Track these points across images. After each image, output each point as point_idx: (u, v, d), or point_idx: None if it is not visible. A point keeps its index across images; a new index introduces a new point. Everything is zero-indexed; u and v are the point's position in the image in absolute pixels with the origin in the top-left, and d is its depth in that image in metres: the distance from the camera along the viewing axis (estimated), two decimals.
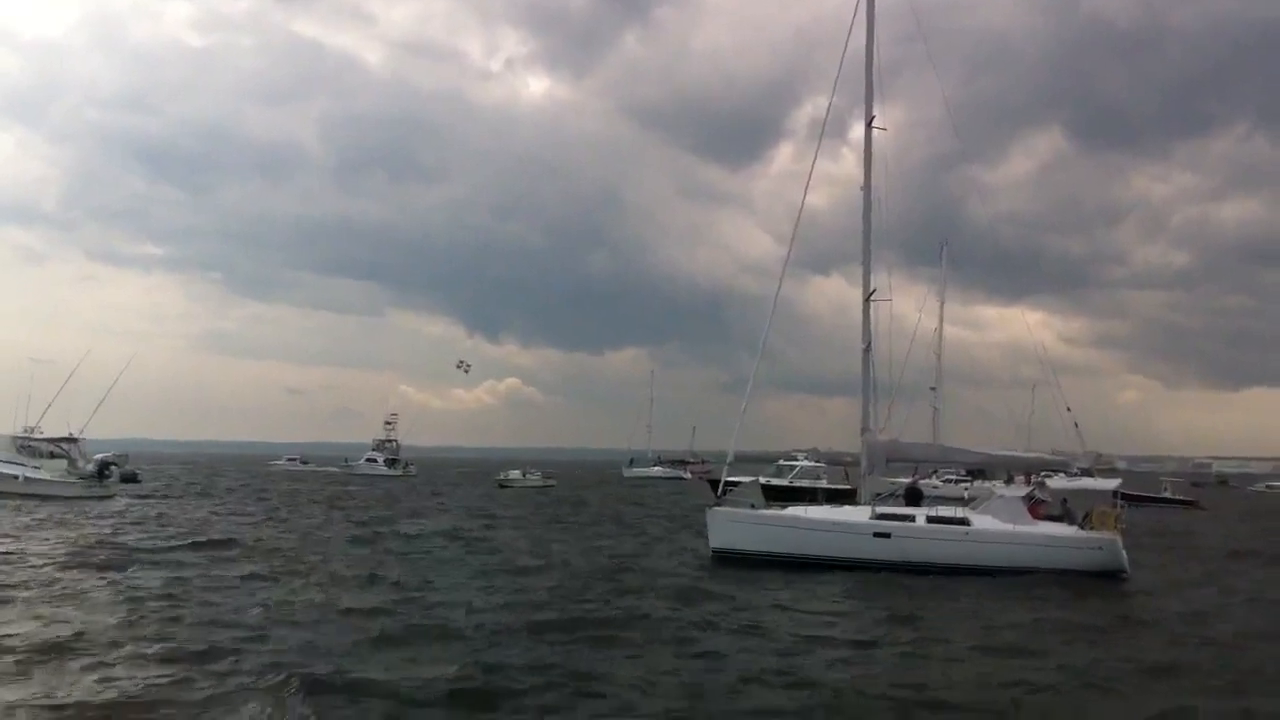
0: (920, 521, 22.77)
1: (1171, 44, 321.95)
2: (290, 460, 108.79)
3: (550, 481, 75.18)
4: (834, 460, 50.08)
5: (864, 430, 25.43)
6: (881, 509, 23.50)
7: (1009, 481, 38.18)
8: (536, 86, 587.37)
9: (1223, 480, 75.05)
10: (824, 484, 45.36)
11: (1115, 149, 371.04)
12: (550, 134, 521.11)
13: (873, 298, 25.24)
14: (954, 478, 52.39)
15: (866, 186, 25.30)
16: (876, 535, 22.63)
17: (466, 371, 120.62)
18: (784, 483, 45.22)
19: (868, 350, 25.27)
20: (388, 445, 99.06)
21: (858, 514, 23.62)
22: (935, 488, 49.67)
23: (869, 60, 25.50)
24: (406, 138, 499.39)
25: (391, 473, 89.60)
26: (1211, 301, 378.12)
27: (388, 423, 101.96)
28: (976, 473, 47.45)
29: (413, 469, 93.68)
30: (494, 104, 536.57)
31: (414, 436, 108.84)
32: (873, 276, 25.47)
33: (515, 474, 75.50)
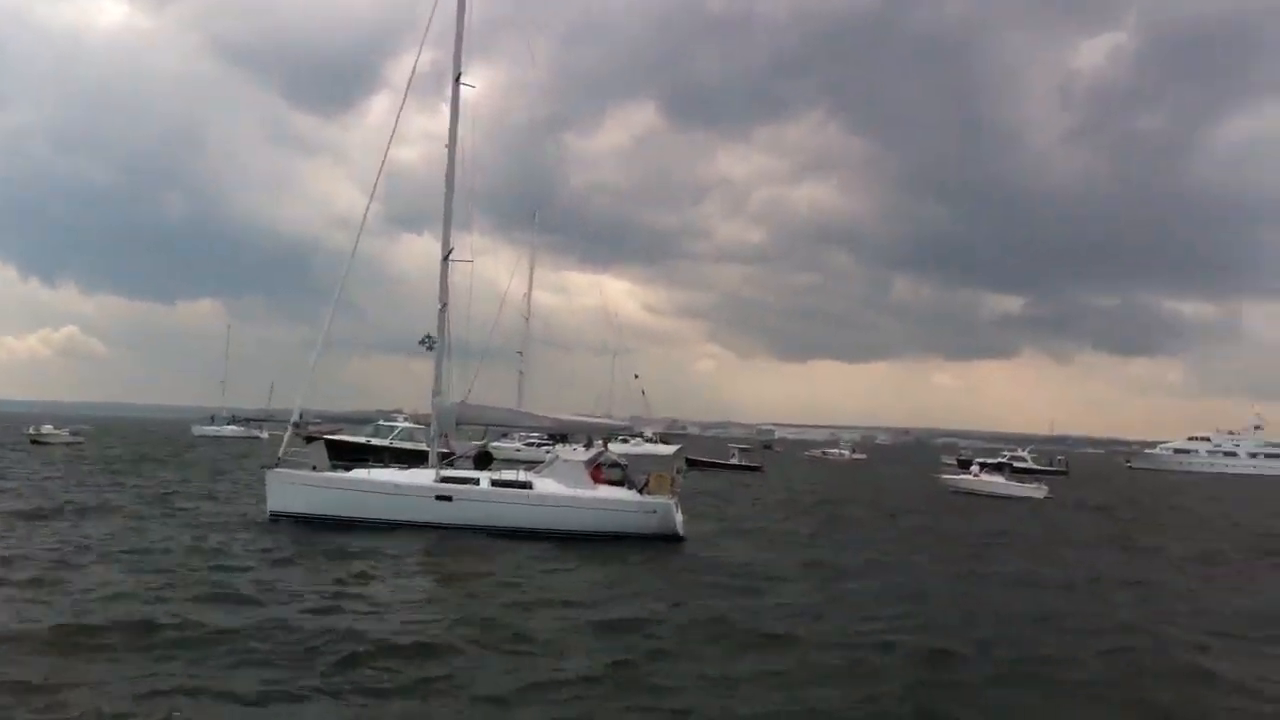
0: (484, 485, 22.73)
1: (757, 30, 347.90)
2: None
3: (78, 439, 69.21)
4: (428, 421, 49.48)
5: (435, 393, 25.00)
6: (446, 472, 23.27)
7: (589, 445, 39.51)
8: (114, 11, 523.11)
9: (767, 445, 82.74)
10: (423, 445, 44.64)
11: (703, 128, 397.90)
12: (126, 64, 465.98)
13: (451, 257, 24.79)
14: (538, 441, 53.65)
15: (451, 143, 24.74)
16: (439, 498, 22.34)
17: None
18: (359, 440, 43.99)
19: (443, 310, 24.82)
20: None
21: (422, 477, 23.20)
22: (519, 450, 50.73)
23: (460, 15, 24.94)
24: None
25: None
26: (783, 278, 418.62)
27: None
28: (561, 437, 48.78)
29: None
30: (63, 26, 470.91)
31: None
32: (460, 236, 25.10)
33: (48, 428, 69.54)
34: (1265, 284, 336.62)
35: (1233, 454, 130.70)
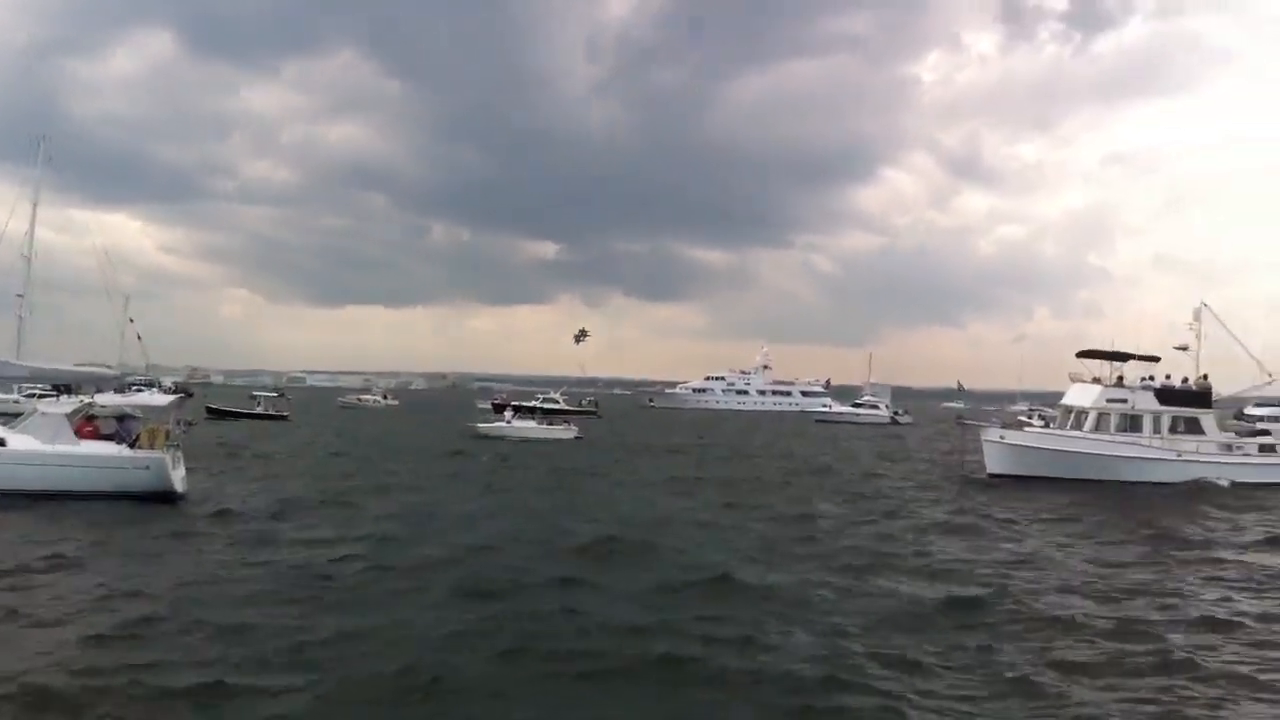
0: None
1: None
2: None
3: None
4: None
5: None
6: None
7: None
8: None
9: (280, 394, 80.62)
10: None
11: (227, 60, 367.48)
12: None
13: None
14: (40, 393, 49.29)
15: None
16: None
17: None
18: None
19: None
20: None
21: None
22: (18, 403, 46.21)
23: None
24: None
25: None
26: (316, 220, 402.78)
27: None
28: (66, 388, 45.10)
29: None
30: None
31: None
32: None
33: None
34: (771, 234, 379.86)
35: (744, 391, 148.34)
